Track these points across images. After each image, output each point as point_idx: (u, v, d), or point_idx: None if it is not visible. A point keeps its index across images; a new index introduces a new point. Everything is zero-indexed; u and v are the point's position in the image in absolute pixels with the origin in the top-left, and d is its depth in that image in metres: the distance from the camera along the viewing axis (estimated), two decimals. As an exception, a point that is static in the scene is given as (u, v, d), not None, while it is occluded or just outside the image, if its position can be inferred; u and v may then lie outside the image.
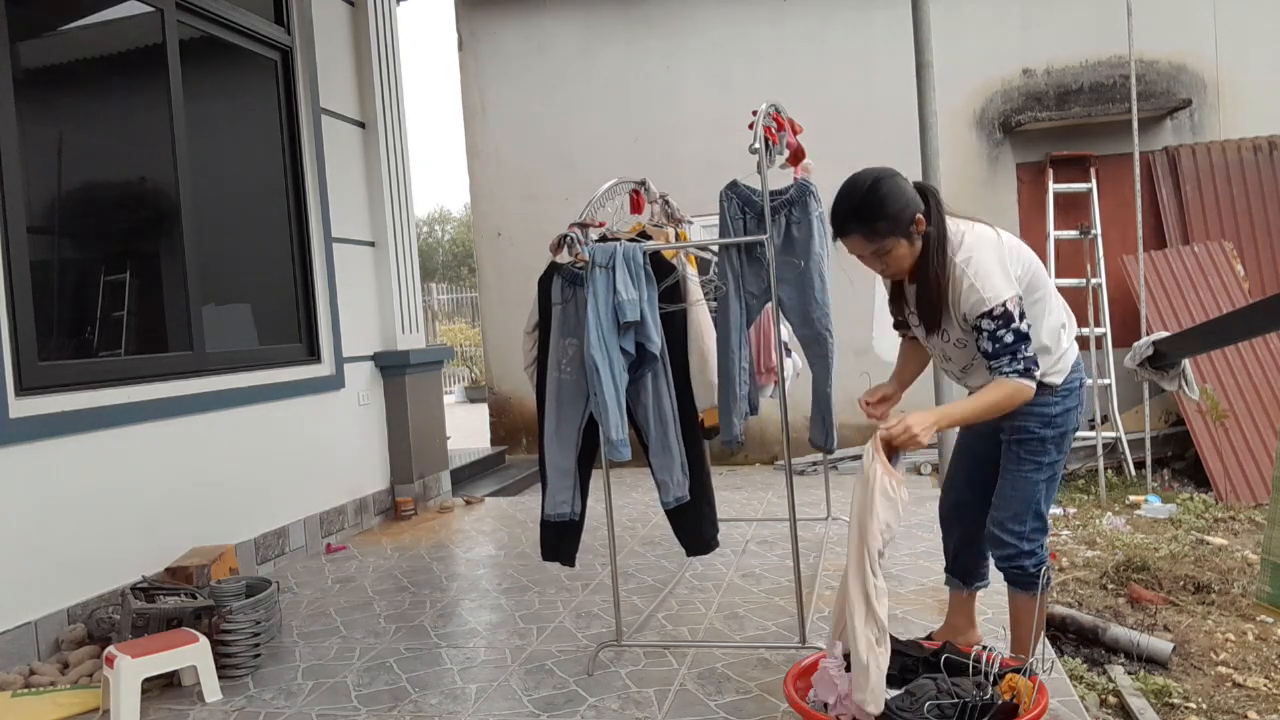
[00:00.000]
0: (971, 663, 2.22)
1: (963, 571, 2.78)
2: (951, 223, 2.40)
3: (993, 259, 2.32)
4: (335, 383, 5.15)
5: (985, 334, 2.29)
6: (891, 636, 2.38)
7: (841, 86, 7.38)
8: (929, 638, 2.75)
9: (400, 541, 5.00)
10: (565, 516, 3.18)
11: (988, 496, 2.56)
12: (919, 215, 2.36)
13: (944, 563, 2.87)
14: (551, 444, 3.15)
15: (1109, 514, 5.66)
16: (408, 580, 4.21)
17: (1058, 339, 2.44)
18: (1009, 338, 2.27)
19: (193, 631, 2.98)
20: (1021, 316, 2.28)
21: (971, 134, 7.38)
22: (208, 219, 4.34)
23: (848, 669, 2.21)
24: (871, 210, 2.36)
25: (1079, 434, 6.81)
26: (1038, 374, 2.29)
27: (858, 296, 4.75)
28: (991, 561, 2.63)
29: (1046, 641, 2.76)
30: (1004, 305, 2.27)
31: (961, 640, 2.64)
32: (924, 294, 2.40)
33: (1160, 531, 5.24)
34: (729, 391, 3.52)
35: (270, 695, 2.93)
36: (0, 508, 3.20)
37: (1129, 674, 3.40)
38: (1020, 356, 2.27)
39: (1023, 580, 2.50)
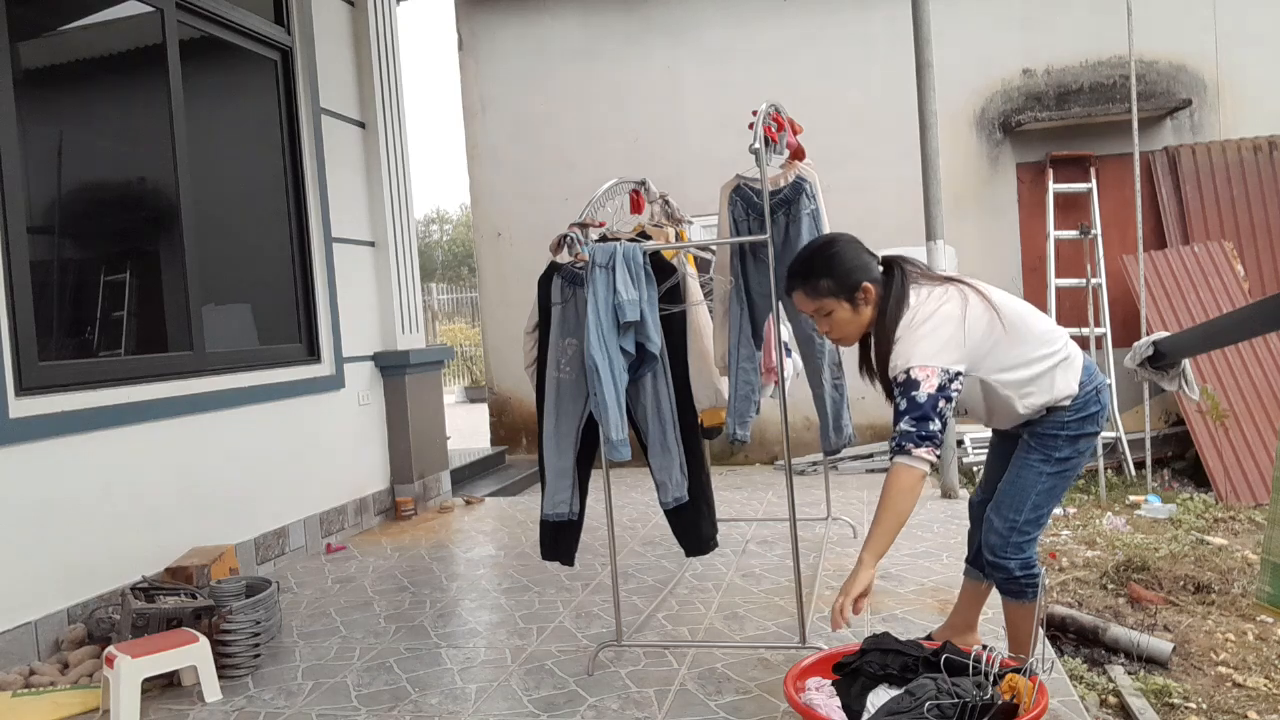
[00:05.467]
0: (971, 663, 2.22)
1: (984, 564, 2.77)
2: (925, 290, 2.35)
3: (928, 330, 2.28)
4: (335, 383, 5.15)
5: (895, 408, 2.28)
6: (892, 636, 2.39)
7: (841, 86, 7.38)
8: (929, 637, 2.75)
9: (400, 541, 5.00)
10: (564, 516, 3.18)
11: None
12: (867, 284, 2.36)
13: (943, 563, 2.87)
14: (550, 444, 3.15)
15: (1109, 514, 5.66)
16: (408, 580, 4.21)
17: (1048, 378, 2.38)
18: (902, 404, 2.24)
19: (193, 631, 2.98)
20: (940, 389, 2.22)
21: (971, 134, 7.38)
22: (208, 219, 4.34)
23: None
24: (816, 268, 2.41)
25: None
26: (923, 450, 2.20)
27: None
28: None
29: (1046, 641, 2.76)
30: (907, 372, 2.24)
31: (961, 641, 2.64)
32: (876, 360, 2.39)
33: (1160, 531, 5.24)
34: (732, 391, 3.52)
35: (270, 695, 2.93)
36: (0, 507, 3.20)
37: (1129, 674, 3.40)
38: (899, 429, 2.22)
39: (1007, 585, 2.49)
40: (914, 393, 2.23)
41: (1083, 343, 6.65)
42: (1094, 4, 7.06)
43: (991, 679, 2.15)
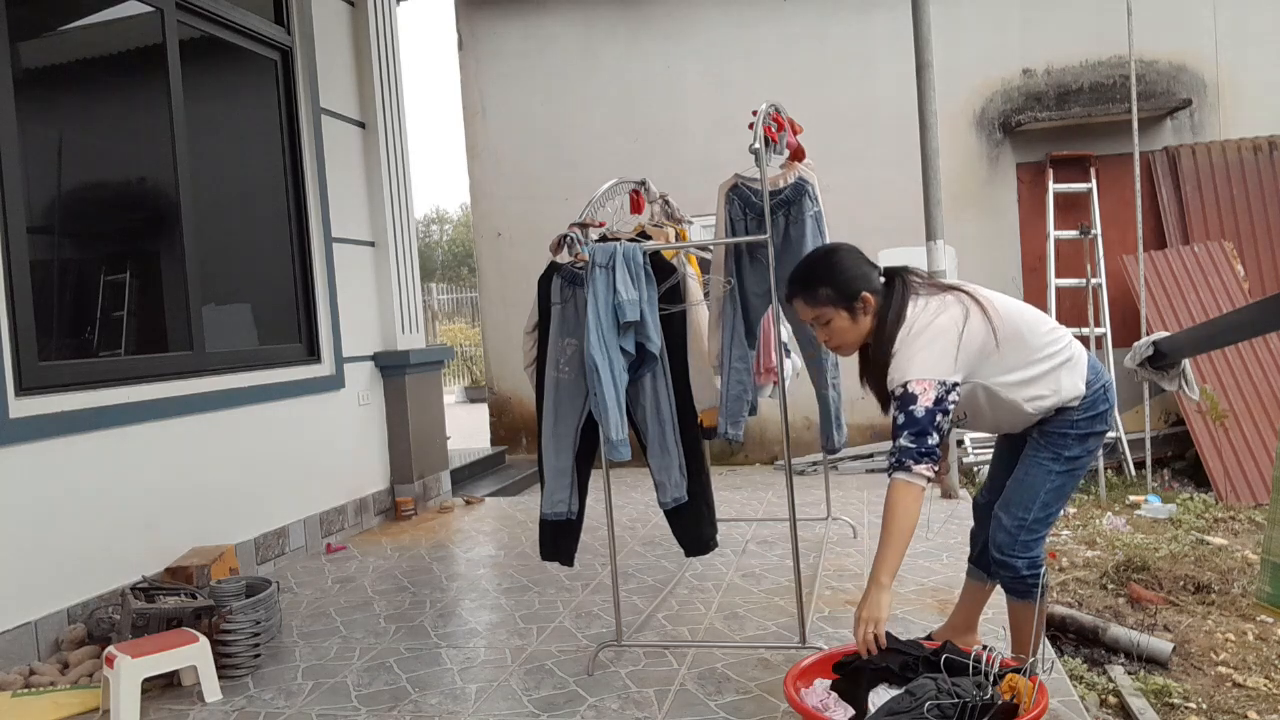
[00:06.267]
0: (972, 663, 2.22)
1: (987, 564, 2.75)
2: (923, 301, 2.35)
3: (925, 341, 2.28)
4: (335, 383, 5.15)
5: (893, 421, 2.28)
6: (891, 636, 2.38)
7: (841, 86, 7.38)
8: (929, 637, 2.75)
9: (400, 541, 5.00)
10: (563, 516, 3.18)
11: None
12: (866, 294, 2.37)
13: (943, 563, 2.87)
14: (549, 444, 3.15)
15: (1109, 514, 5.66)
16: (408, 580, 4.21)
17: (1053, 378, 2.39)
18: (900, 419, 2.24)
19: (193, 631, 2.98)
20: (938, 402, 2.22)
21: (971, 134, 7.38)
22: (208, 219, 4.34)
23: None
24: (816, 276, 2.42)
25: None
26: (921, 467, 2.21)
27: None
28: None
29: (1046, 641, 2.76)
30: (904, 385, 2.25)
31: (961, 641, 2.64)
32: (872, 371, 2.40)
33: (1160, 531, 5.24)
34: (724, 390, 3.53)
35: (270, 695, 2.93)
36: (0, 507, 3.20)
37: (1129, 674, 3.40)
38: (896, 446, 2.23)
39: (1014, 584, 2.49)
40: (911, 407, 2.23)
41: (1083, 343, 6.65)
42: (1094, 4, 7.06)
43: (991, 679, 2.16)
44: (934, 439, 2.23)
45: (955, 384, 2.27)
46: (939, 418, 2.24)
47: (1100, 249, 6.96)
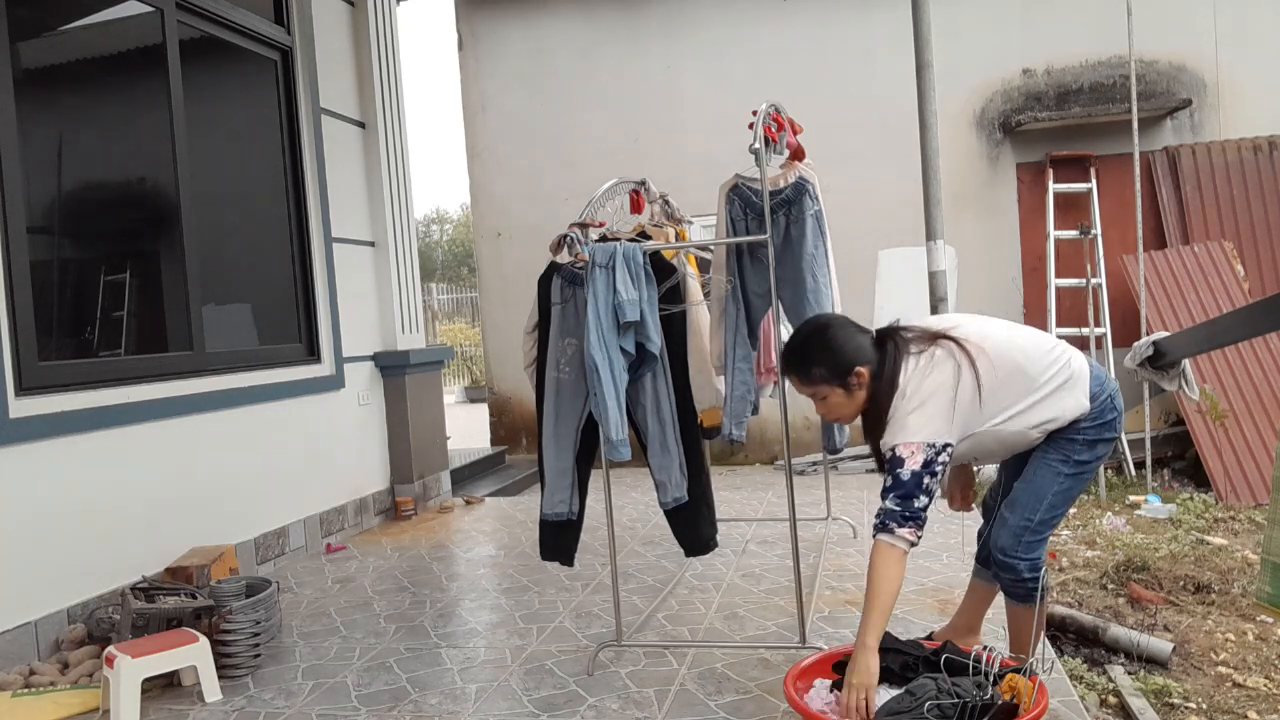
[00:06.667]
0: (972, 663, 2.23)
1: (993, 562, 2.76)
2: (913, 362, 2.35)
3: (915, 404, 2.29)
4: (335, 383, 5.15)
5: (883, 484, 2.30)
6: (892, 636, 2.39)
7: (841, 86, 7.38)
8: (929, 637, 2.75)
9: (400, 541, 5.00)
10: (563, 516, 3.18)
11: None
12: (859, 369, 2.38)
13: (942, 563, 2.87)
14: (549, 444, 3.15)
15: (1109, 514, 5.66)
16: (408, 580, 4.21)
17: (1056, 400, 2.38)
18: (888, 481, 2.27)
19: (193, 631, 2.98)
20: (926, 465, 2.23)
21: (971, 134, 7.38)
22: (208, 219, 4.34)
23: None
24: (809, 356, 2.44)
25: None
26: (904, 531, 2.22)
27: (859, 297, 4.76)
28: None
29: (1046, 641, 2.76)
30: (893, 450, 2.27)
31: (961, 642, 2.64)
32: (875, 436, 2.41)
33: (1160, 531, 5.24)
34: (728, 391, 3.53)
35: (270, 695, 2.93)
36: (0, 507, 3.20)
37: (1129, 674, 3.40)
38: (882, 508, 2.26)
39: (1015, 588, 2.48)
40: (899, 470, 2.25)
41: (1083, 343, 6.67)
42: (1094, 4, 7.06)
43: (991, 679, 2.16)
44: (920, 501, 2.24)
45: (947, 445, 2.28)
46: (926, 479, 2.25)
47: (1100, 249, 6.96)
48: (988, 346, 2.35)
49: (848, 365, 2.38)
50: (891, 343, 2.41)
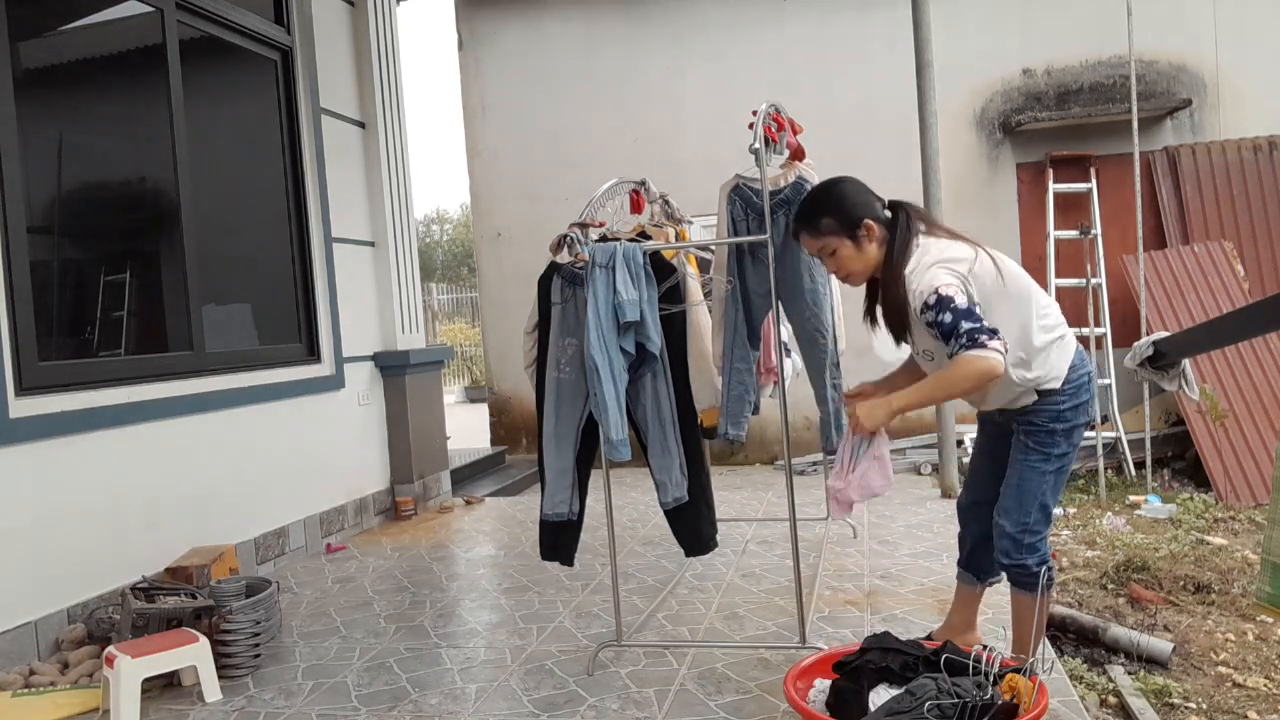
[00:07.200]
0: (972, 663, 2.23)
1: (976, 567, 2.77)
2: (926, 240, 2.40)
3: (933, 260, 2.33)
4: (335, 383, 5.15)
5: (933, 327, 2.29)
6: (892, 636, 2.39)
7: (841, 86, 7.38)
8: (929, 637, 2.75)
9: (400, 541, 5.00)
10: (563, 516, 3.18)
11: None
12: (869, 221, 2.39)
13: (943, 563, 2.87)
14: (550, 444, 3.15)
15: (1109, 514, 5.66)
16: (408, 580, 4.21)
17: (1044, 354, 2.40)
18: (947, 318, 2.25)
19: (193, 631, 2.98)
20: (971, 303, 2.25)
21: (971, 134, 7.38)
22: (208, 219, 4.34)
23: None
24: (818, 208, 2.47)
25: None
26: (995, 344, 2.19)
27: (859, 296, 4.75)
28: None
29: (1046, 641, 2.76)
30: (936, 292, 2.27)
31: (960, 641, 2.64)
32: (884, 302, 2.44)
33: (1160, 531, 5.24)
34: (725, 391, 3.52)
35: (270, 695, 2.93)
36: (0, 507, 3.20)
37: (1129, 674, 3.40)
38: (962, 331, 2.22)
39: (1024, 579, 2.50)
40: (953, 305, 2.24)
41: (1083, 343, 6.66)
42: (1094, 4, 7.06)
43: (991, 679, 2.16)
44: (988, 323, 2.23)
45: (960, 284, 2.28)
46: (977, 310, 2.25)
47: (1100, 249, 6.95)
48: (1005, 262, 2.42)
49: (857, 217, 2.41)
50: (904, 212, 2.44)
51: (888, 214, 2.48)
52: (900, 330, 2.44)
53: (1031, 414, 2.45)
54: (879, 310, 2.49)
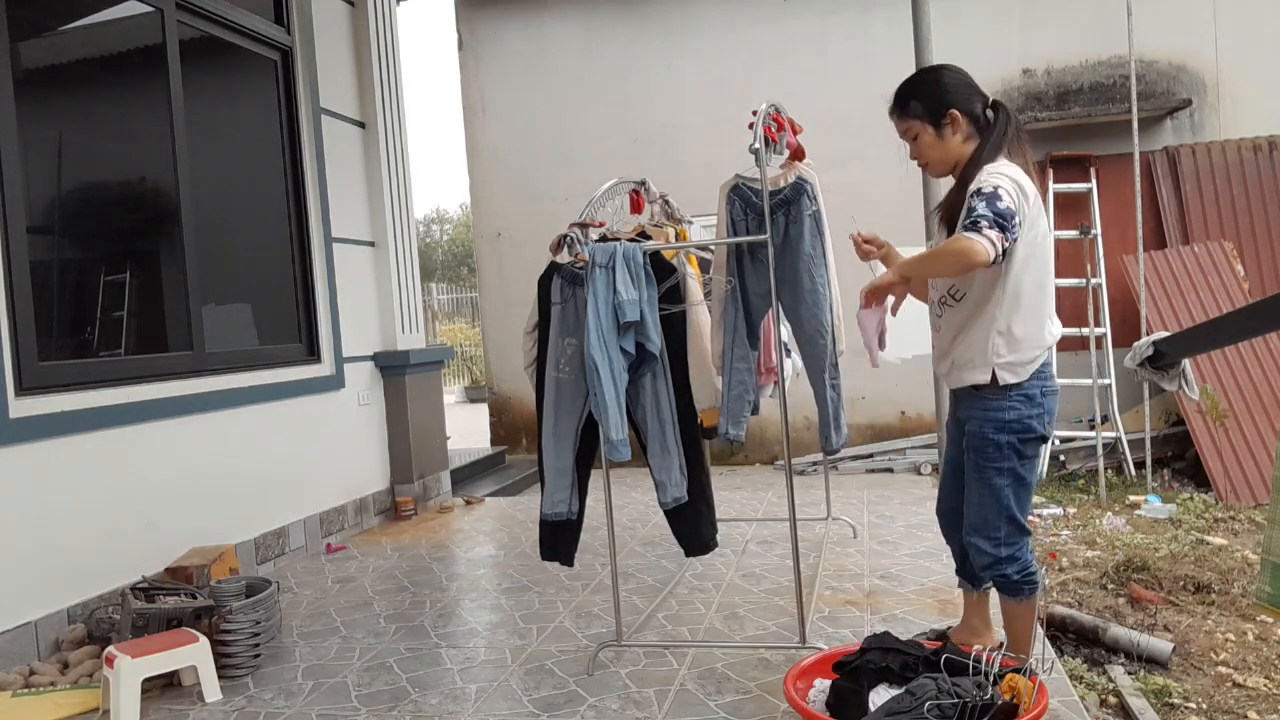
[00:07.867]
0: (972, 663, 2.23)
1: (970, 574, 2.77)
2: (1013, 164, 2.36)
3: (1011, 175, 2.28)
4: (335, 383, 5.15)
5: (967, 209, 2.24)
6: (892, 635, 2.39)
7: (841, 86, 7.37)
8: (945, 635, 2.74)
9: (400, 541, 5.00)
10: (562, 516, 3.18)
11: None
12: (955, 111, 2.38)
13: (943, 563, 2.87)
14: (549, 444, 3.15)
15: (1109, 514, 5.66)
16: (408, 580, 4.21)
17: (1026, 344, 2.38)
18: (980, 205, 2.20)
19: (193, 631, 2.98)
20: (1010, 210, 2.20)
21: (971, 134, 7.37)
22: (208, 219, 4.34)
23: None
24: (911, 90, 2.48)
25: (1080, 434, 6.82)
26: (995, 237, 2.15)
27: (859, 295, 4.75)
28: None
29: (1046, 641, 2.76)
30: (995, 187, 2.22)
31: (979, 642, 2.63)
32: (954, 193, 2.39)
33: (1160, 531, 5.24)
34: (725, 390, 3.52)
35: (270, 695, 2.93)
36: (0, 507, 3.20)
37: (1129, 674, 3.40)
38: (976, 215, 2.18)
39: (1008, 588, 2.49)
40: (997, 203, 2.19)
41: (1083, 343, 6.67)
42: (1094, 4, 7.06)
43: (991, 679, 2.16)
44: (1011, 224, 2.18)
45: (1014, 199, 2.24)
46: (1016, 220, 2.20)
47: (1100, 249, 6.95)
48: (1050, 242, 2.41)
49: (945, 105, 2.39)
50: (1005, 114, 2.40)
51: (989, 114, 2.43)
52: (953, 220, 2.38)
53: (974, 422, 2.42)
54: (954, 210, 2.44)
